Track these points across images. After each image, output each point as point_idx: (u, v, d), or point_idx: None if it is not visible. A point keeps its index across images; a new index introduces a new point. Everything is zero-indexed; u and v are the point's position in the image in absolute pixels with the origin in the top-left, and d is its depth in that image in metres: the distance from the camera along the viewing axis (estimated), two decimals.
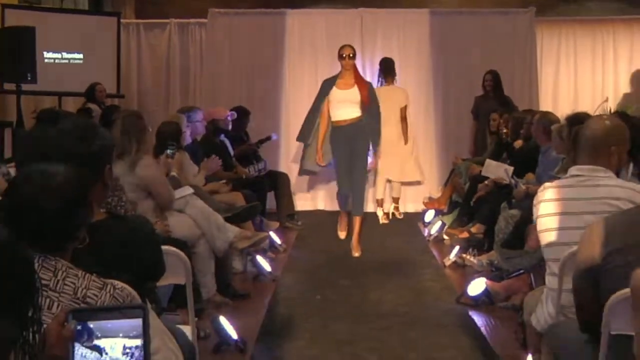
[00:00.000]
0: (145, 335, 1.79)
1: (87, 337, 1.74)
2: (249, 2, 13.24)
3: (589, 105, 11.30)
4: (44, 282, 2.31)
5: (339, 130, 8.63)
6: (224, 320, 5.43)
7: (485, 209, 7.99)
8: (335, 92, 8.61)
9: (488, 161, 8.66)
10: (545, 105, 11.74)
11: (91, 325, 1.77)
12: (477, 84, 11.35)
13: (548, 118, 7.46)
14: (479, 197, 8.24)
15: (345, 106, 8.58)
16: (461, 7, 13.15)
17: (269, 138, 10.46)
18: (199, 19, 12.19)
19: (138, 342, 1.78)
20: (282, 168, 11.10)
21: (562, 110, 10.15)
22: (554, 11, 13.53)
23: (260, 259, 7.44)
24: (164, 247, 3.29)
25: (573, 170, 3.92)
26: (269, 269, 7.47)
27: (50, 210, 2.35)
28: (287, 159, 11.50)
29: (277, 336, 5.81)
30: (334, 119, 8.66)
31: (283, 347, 5.58)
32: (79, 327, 1.74)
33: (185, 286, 3.65)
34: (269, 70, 11.73)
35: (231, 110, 9.61)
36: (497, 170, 8.24)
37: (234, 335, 5.39)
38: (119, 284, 2.42)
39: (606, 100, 11.95)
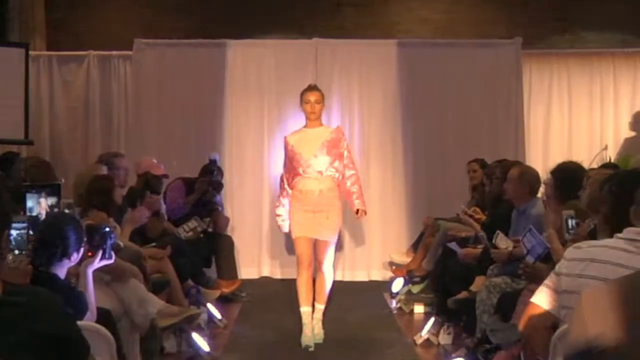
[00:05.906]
0: None
1: None
2: (182, 30, 13.07)
3: (585, 153, 11.45)
4: None
5: None
6: None
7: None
8: None
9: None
10: (534, 152, 11.90)
11: None
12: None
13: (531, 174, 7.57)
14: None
15: None
16: (435, 38, 13.03)
17: (219, 185, 10.50)
18: (122, 50, 12.26)
19: None
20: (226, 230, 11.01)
21: (554, 159, 10.10)
22: (544, 42, 13.57)
23: (196, 336, 7.44)
24: (81, 323, 3.31)
25: None
26: (207, 348, 7.48)
27: None
28: (231, 219, 11.20)
29: None
30: None
31: None
32: None
33: None
34: (207, 110, 11.80)
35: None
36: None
37: None
38: None
39: (605, 148, 11.96)
